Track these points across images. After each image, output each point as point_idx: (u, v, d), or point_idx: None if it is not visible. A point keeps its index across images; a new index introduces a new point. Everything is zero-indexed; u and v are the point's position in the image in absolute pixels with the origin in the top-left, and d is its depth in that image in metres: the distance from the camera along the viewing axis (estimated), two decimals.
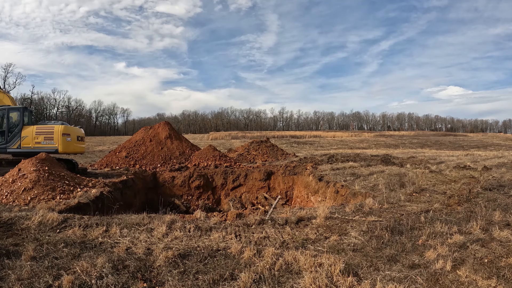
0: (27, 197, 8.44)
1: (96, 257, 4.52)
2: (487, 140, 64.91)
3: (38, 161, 9.91)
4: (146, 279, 3.99)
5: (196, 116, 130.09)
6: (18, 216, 6.38)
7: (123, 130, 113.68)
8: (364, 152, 27.53)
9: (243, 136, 66.94)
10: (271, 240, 5.48)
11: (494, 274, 4.01)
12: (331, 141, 60.36)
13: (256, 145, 25.15)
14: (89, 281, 3.80)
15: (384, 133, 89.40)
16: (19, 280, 3.79)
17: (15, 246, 4.96)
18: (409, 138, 68.23)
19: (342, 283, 3.79)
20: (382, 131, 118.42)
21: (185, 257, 4.66)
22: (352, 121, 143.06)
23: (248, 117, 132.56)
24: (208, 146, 20.59)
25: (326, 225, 6.21)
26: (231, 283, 3.89)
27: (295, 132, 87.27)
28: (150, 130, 21.39)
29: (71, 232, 5.65)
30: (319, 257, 4.52)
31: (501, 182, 9.82)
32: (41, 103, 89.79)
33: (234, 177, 16.82)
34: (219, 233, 5.70)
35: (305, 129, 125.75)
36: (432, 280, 3.95)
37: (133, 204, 12.70)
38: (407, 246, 5.04)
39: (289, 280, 3.97)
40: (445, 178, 10.80)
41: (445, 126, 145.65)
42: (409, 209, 7.27)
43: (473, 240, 5.15)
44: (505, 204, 7.27)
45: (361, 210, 7.23)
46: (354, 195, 9.77)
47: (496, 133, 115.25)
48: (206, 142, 48.93)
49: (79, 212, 7.45)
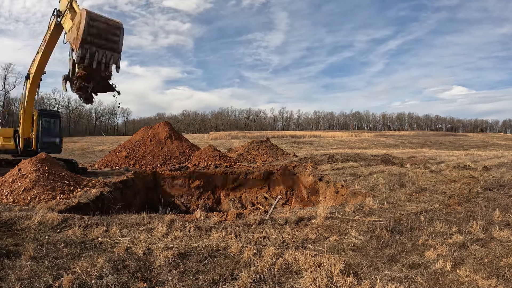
0: (27, 197, 8.43)
1: (96, 257, 4.52)
2: (487, 140, 64.88)
3: (38, 161, 9.90)
4: (146, 279, 3.98)
5: (196, 116, 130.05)
6: (18, 216, 6.37)
7: (123, 130, 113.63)
8: (364, 152, 27.53)
9: (243, 136, 66.92)
10: (271, 240, 5.48)
11: (494, 274, 4.01)
12: (331, 141, 60.35)
13: (256, 145, 25.14)
14: (89, 281, 3.80)
15: (384, 133, 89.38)
16: (19, 280, 3.79)
17: (15, 246, 4.96)
18: (409, 138, 68.20)
19: (342, 283, 3.78)
20: (382, 131, 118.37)
21: (185, 257, 4.66)
22: (352, 121, 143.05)
23: (248, 117, 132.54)
24: (208, 146, 20.58)
25: (326, 225, 6.20)
26: (231, 283, 3.89)
27: (295, 132, 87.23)
28: (150, 130, 21.38)
29: (71, 232, 5.65)
30: (319, 257, 4.52)
31: (501, 182, 9.81)
32: (41, 103, 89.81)
33: (234, 177, 16.81)
34: (219, 233, 5.70)
35: (305, 129, 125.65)
36: (432, 280, 3.95)
37: (133, 204, 12.69)
38: (407, 246, 5.04)
39: (289, 280, 3.97)
40: (445, 178, 10.79)
41: (445, 126, 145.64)
42: (409, 209, 7.27)
43: (473, 240, 5.15)
44: (505, 204, 7.27)
45: (361, 210, 7.23)
46: (354, 195, 9.77)
47: (496, 133, 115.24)
48: (206, 142, 48.90)
49: (79, 212, 7.45)
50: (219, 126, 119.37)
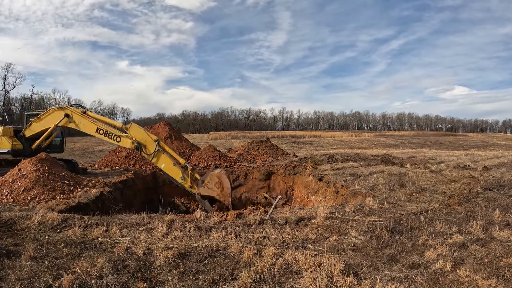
0: (27, 197, 8.43)
1: (96, 257, 4.52)
2: (487, 140, 64.90)
3: (38, 161, 9.90)
4: (146, 279, 3.98)
5: (196, 116, 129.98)
6: (18, 216, 6.37)
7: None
8: (364, 152, 27.52)
9: (243, 136, 66.95)
10: (271, 240, 5.48)
11: (494, 274, 4.01)
12: (331, 141, 60.37)
13: (256, 145, 25.12)
14: (89, 281, 3.80)
15: (384, 133, 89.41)
16: (19, 280, 3.79)
17: (15, 246, 4.96)
18: (409, 138, 68.22)
19: (342, 283, 3.78)
20: (382, 131, 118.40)
21: (185, 257, 4.66)
22: (352, 121, 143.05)
23: (248, 117, 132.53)
24: (208, 146, 20.58)
25: (326, 225, 6.20)
26: (231, 283, 3.89)
27: (295, 132, 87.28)
28: (150, 130, 21.39)
29: (71, 232, 5.65)
30: (319, 257, 4.52)
31: (501, 182, 9.81)
32: (41, 103, 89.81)
33: (234, 177, 16.80)
34: (219, 233, 5.70)
35: (305, 129, 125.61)
36: (432, 280, 3.95)
37: (133, 204, 12.68)
38: (407, 246, 5.04)
39: (289, 280, 3.97)
40: (445, 178, 10.79)
41: (445, 126, 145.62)
42: (409, 209, 7.27)
43: (473, 240, 5.15)
44: (505, 204, 7.27)
45: (361, 210, 7.22)
46: (354, 195, 9.77)
47: (496, 133, 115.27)
48: (206, 142, 48.91)
49: (79, 212, 7.45)
50: (219, 126, 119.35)
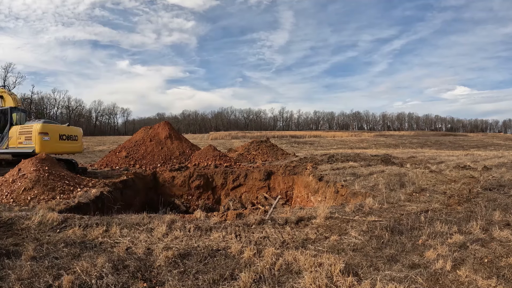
0: (27, 197, 8.43)
1: (96, 257, 4.52)
2: (487, 140, 64.91)
3: (38, 161, 9.90)
4: (146, 279, 3.98)
5: (196, 116, 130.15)
6: (18, 216, 6.37)
7: (123, 130, 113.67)
8: (364, 152, 27.52)
9: (243, 136, 66.96)
10: (271, 240, 5.48)
11: (494, 274, 4.01)
12: (331, 141, 60.37)
13: (256, 145, 25.12)
14: (89, 281, 3.80)
15: (384, 133, 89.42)
16: (19, 280, 3.79)
17: (15, 246, 4.96)
18: (409, 138, 68.23)
19: (342, 283, 3.78)
20: (382, 131, 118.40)
21: (185, 257, 4.66)
22: (352, 121, 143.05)
23: (248, 117, 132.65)
24: (208, 146, 20.57)
25: (326, 225, 6.20)
26: (231, 283, 3.89)
27: (295, 132, 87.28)
28: (150, 130, 21.38)
29: (71, 232, 5.65)
30: (319, 257, 4.52)
31: (501, 182, 9.82)
32: (41, 103, 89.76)
33: (234, 177, 16.81)
34: (219, 233, 5.70)
35: (305, 129, 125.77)
36: (432, 280, 3.95)
37: (133, 204, 12.69)
38: (407, 246, 5.04)
39: (289, 280, 3.97)
40: (445, 178, 10.79)
41: (445, 126, 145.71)
42: (409, 209, 7.27)
43: (473, 240, 5.15)
44: (505, 204, 7.27)
45: (361, 210, 7.23)
46: (354, 195, 9.77)
47: (496, 133, 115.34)
48: (206, 142, 48.91)
49: (79, 212, 7.45)
50: (219, 126, 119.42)
